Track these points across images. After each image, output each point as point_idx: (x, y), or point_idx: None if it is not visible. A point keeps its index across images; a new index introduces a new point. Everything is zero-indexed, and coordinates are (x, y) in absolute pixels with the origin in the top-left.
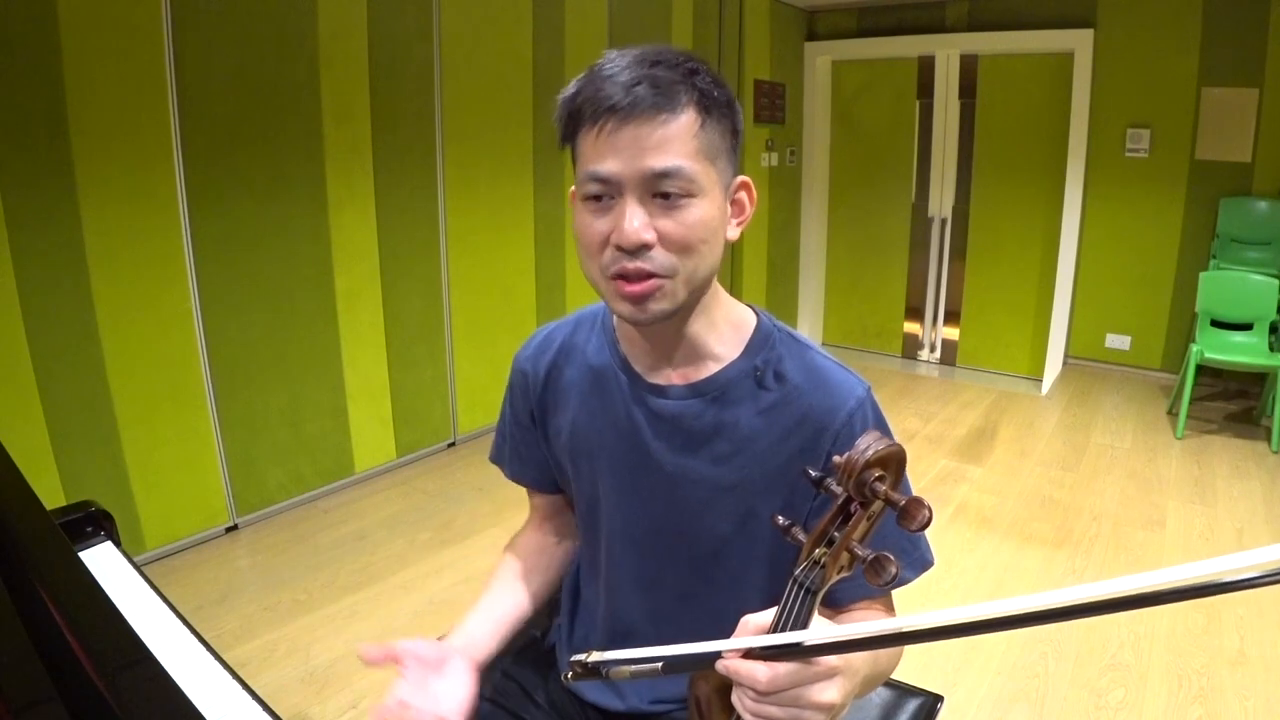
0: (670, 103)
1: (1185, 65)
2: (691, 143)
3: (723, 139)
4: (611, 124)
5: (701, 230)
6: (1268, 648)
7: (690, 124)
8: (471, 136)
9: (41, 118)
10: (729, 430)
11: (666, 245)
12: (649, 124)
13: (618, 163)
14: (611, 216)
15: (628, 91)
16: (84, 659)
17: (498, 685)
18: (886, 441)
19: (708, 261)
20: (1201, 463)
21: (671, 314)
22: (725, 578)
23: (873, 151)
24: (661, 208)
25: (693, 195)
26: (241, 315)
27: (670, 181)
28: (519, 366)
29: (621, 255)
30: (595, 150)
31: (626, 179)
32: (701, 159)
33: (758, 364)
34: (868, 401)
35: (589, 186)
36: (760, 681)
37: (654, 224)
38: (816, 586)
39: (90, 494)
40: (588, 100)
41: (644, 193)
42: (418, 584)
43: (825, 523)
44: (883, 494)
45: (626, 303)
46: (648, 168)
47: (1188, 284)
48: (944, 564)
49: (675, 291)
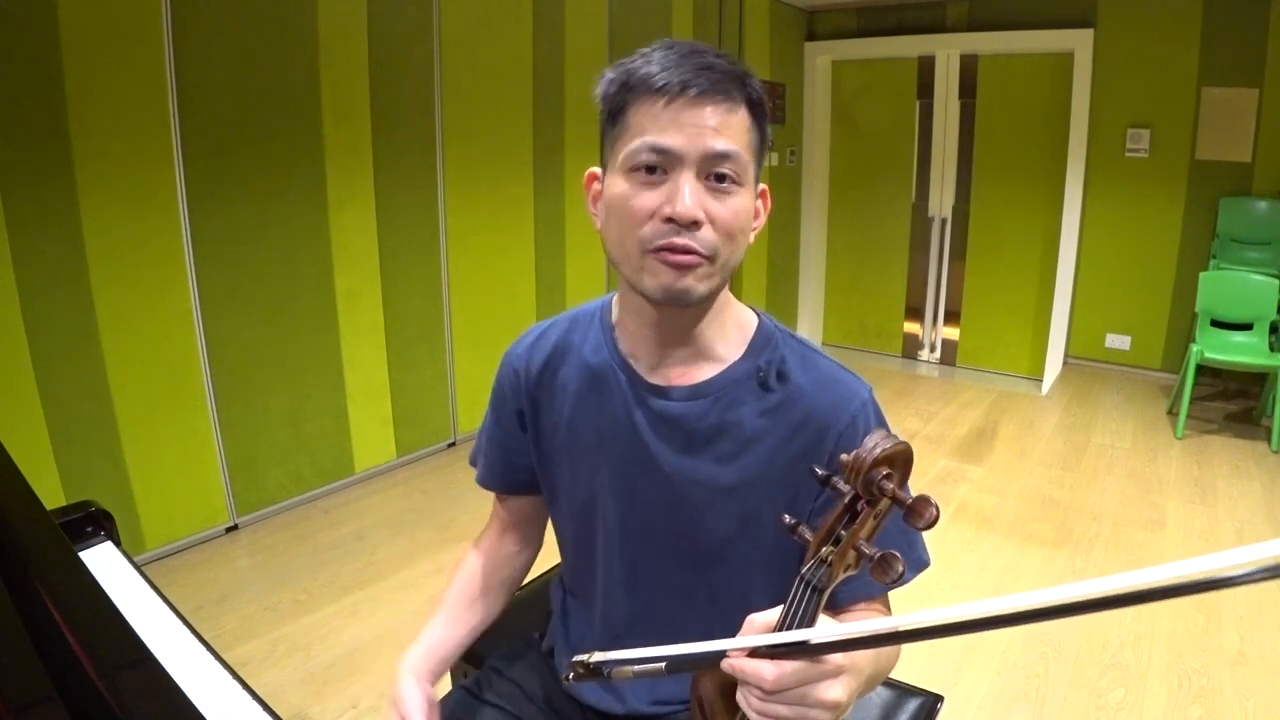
0: (731, 94)
1: (1185, 65)
2: (745, 136)
3: (762, 141)
4: (680, 100)
5: (743, 219)
6: (1268, 648)
7: (745, 119)
8: (471, 136)
9: (41, 118)
10: (732, 431)
11: (714, 227)
12: (716, 108)
13: (682, 137)
14: (663, 190)
15: (696, 74)
16: (84, 659)
17: (497, 687)
18: (894, 440)
19: (740, 252)
20: (1201, 463)
21: (703, 298)
22: (723, 579)
23: (873, 151)
24: (712, 190)
25: (740, 184)
26: (241, 315)
27: (728, 164)
28: (510, 364)
29: (669, 230)
30: (656, 122)
31: (688, 154)
32: (750, 153)
33: (761, 365)
34: (870, 403)
35: (645, 156)
36: (767, 680)
37: (704, 204)
38: (823, 585)
39: (90, 494)
40: (649, 76)
41: (700, 171)
42: (418, 584)
43: (832, 521)
44: (890, 492)
45: (669, 271)
46: (711, 147)
47: (1188, 284)
48: (944, 564)
49: (712, 275)
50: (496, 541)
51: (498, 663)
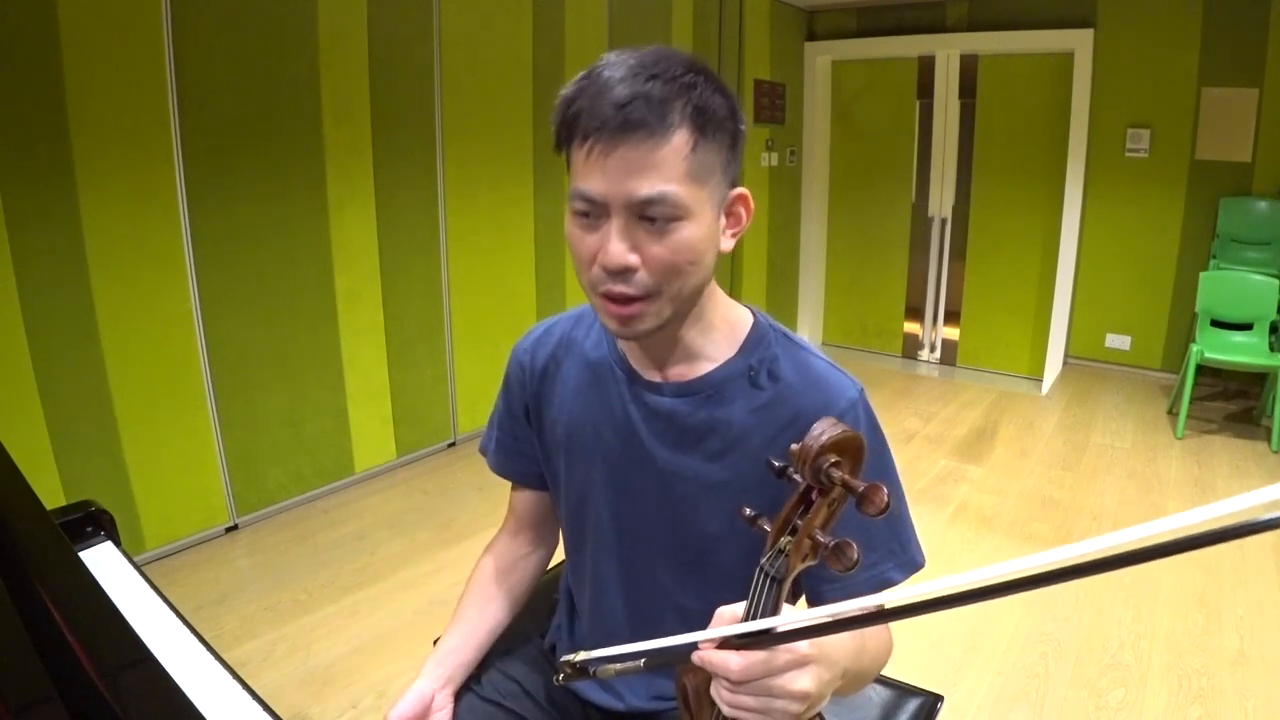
0: (662, 124)
1: (1185, 65)
2: (681, 166)
3: (718, 155)
4: (601, 145)
5: (687, 253)
6: (1268, 648)
7: (681, 146)
8: (471, 136)
9: (41, 118)
10: (722, 428)
11: (650, 268)
12: (638, 148)
13: (604, 185)
14: (599, 235)
15: (619, 110)
16: (84, 659)
17: (498, 685)
18: (842, 428)
19: (694, 280)
20: (1201, 463)
21: (657, 330)
22: (715, 576)
23: (873, 151)
24: (648, 231)
25: (680, 218)
26: (241, 315)
27: (656, 207)
28: (517, 358)
29: (606, 276)
30: (584, 169)
31: (612, 202)
32: (690, 182)
33: (752, 363)
34: (860, 402)
35: (576, 203)
36: (732, 670)
37: (640, 247)
38: (782, 575)
39: (90, 494)
40: (581, 113)
41: (629, 216)
42: (418, 584)
43: (787, 511)
44: (839, 480)
45: (613, 321)
46: (633, 193)
47: (1188, 284)
48: (944, 564)
49: (660, 311)
50: (509, 543)
51: (499, 661)
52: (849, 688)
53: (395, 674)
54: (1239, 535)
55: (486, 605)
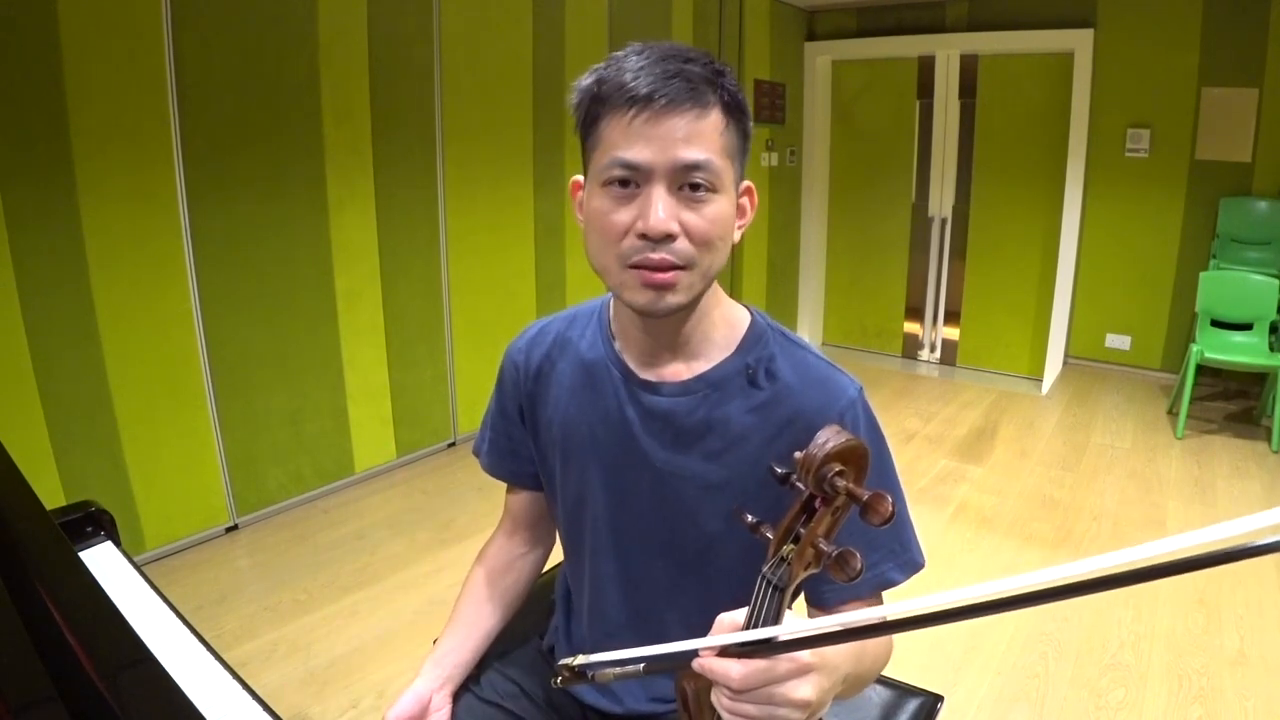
0: (702, 99)
1: (1185, 65)
2: (719, 140)
3: (741, 141)
4: (647, 113)
5: (721, 226)
6: (1268, 648)
7: (718, 122)
8: (471, 136)
9: (41, 118)
10: (720, 428)
11: (689, 238)
12: (683, 116)
13: (649, 151)
14: (636, 205)
15: (664, 83)
16: (84, 659)
17: (498, 686)
18: (846, 436)
19: (721, 257)
20: (1201, 463)
21: (685, 307)
22: (713, 576)
23: (873, 151)
24: (687, 200)
25: (716, 191)
26: (241, 315)
27: (700, 174)
28: (511, 358)
29: (644, 245)
30: (625, 137)
31: (657, 168)
32: (725, 157)
33: (750, 362)
34: (859, 402)
35: (615, 172)
36: (733, 679)
37: (678, 215)
38: (784, 583)
39: (90, 494)
40: (618, 88)
41: (671, 183)
42: (418, 584)
43: (790, 519)
44: (843, 489)
45: (648, 291)
46: (680, 159)
47: (1188, 284)
48: (944, 564)
49: (693, 284)
50: (505, 543)
51: (498, 662)
52: (849, 691)
53: (395, 674)
54: (1240, 558)
55: (483, 606)
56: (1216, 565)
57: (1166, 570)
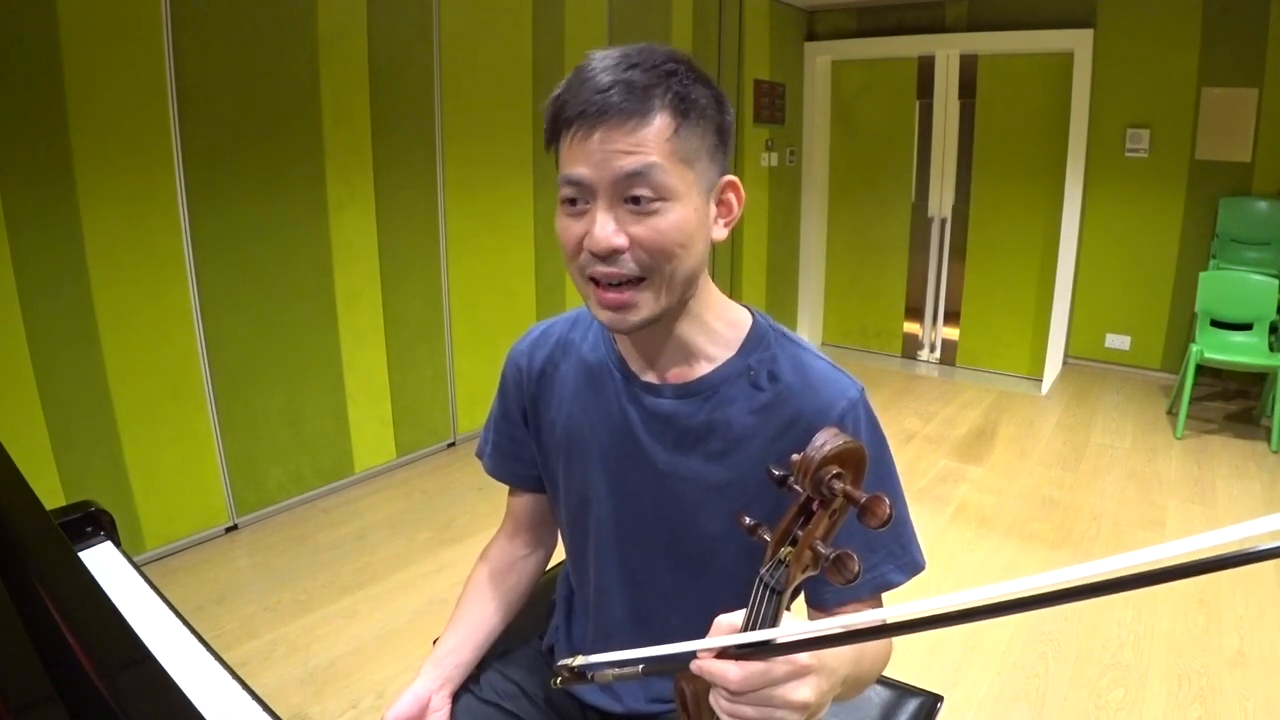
0: (643, 107)
1: (1185, 65)
2: (664, 146)
3: (703, 140)
4: (584, 129)
5: (675, 235)
6: (1268, 648)
7: (664, 128)
8: (471, 137)
9: (41, 118)
10: (721, 429)
11: (639, 250)
12: (619, 129)
13: (589, 167)
14: (585, 221)
15: (600, 95)
16: (84, 659)
17: (498, 687)
18: (844, 438)
19: (685, 265)
20: (1201, 463)
21: (653, 321)
22: (715, 578)
23: (873, 151)
24: (633, 213)
25: (666, 199)
26: (241, 315)
27: (640, 186)
28: (514, 360)
29: (594, 259)
30: (570, 154)
31: (597, 183)
32: (675, 162)
33: (751, 364)
34: (860, 403)
35: (564, 190)
36: (731, 681)
37: (626, 229)
38: (782, 586)
39: (90, 494)
40: (565, 105)
41: (615, 197)
42: (418, 584)
43: (788, 522)
44: (840, 491)
45: (607, 311)
46: (617, 171)
47: (1188, 284)
48: (944, 564)
49: (655, 297)
50: (507, 545)
51: (498, 662)
52: (849, 693)
53: (395, 674)
54: (1239, 563)
55: (484, 607)
56: (1215, 571)
57: (1167, 575)
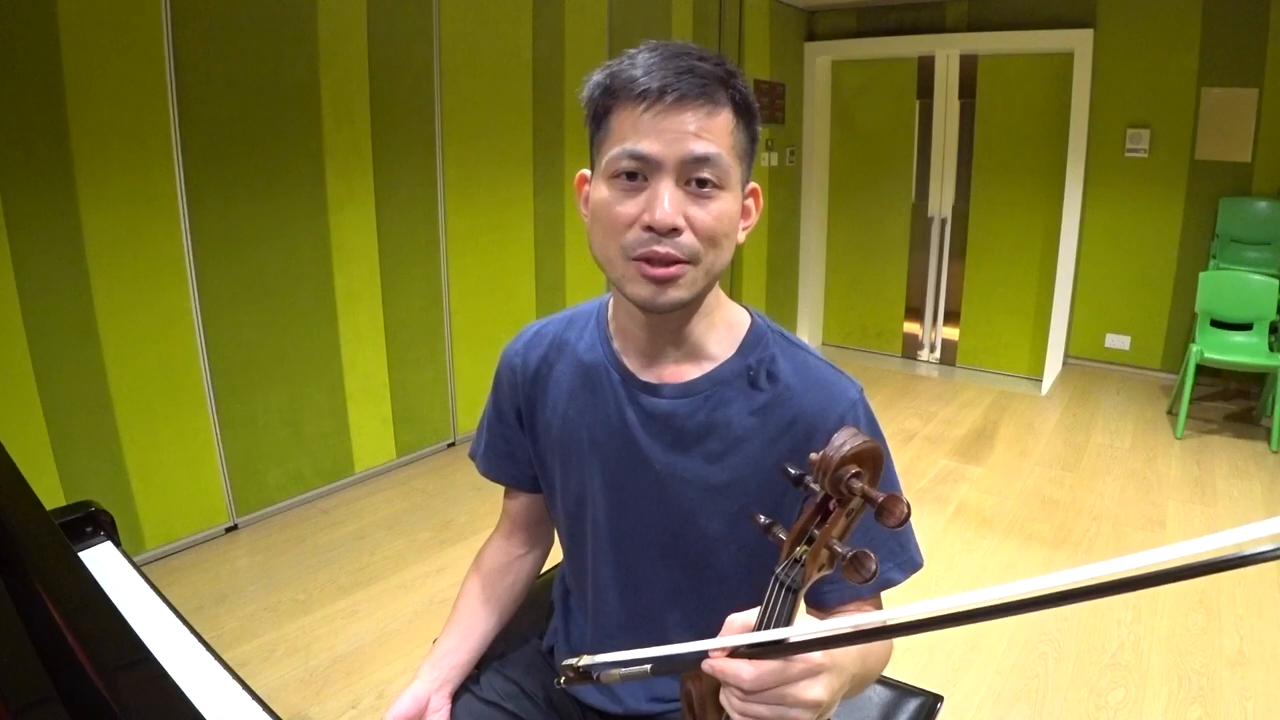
0: (714, 97)
1: (1185, 65)
2: (728, 138)
3: (749, 144)
4: (658, 106)
5: (727, 223)
6: (1268, 648)
7: (728, 121)
8: (471, 137)
9: (41, 118)
10: (721, 430)
11: (694, 232)
12: (695, 111)
13: (660, 144)
14: (643, 198)
15: (677, 78)
16: (84, 659)
17: (498, 687)
18: (863, 438)
19: (725, 255)
20: (1201, 463)
21: (687, 303)
22: (713, 578)
23: (873, 151)
24: (693, 196)
25: (723, 188)
26: (241, 315)
27: (708, 169)
28: (508, 361)
29: (650, 238)
30: (635, 129)
31: (666, 161)
32: (734, 155)
33: (751, 364)
34: (860, 403)
35: (624, 163)
36: (745, 680)
37: (684, 210)
38: (798, 585)
39: (90, 494)
40: (630, 81)
41: (679, 177)
42: (417, 584)
43: (805, 520)
44: (859, 491)
45: (649, 284)
46: (690, 152)
47: (1188, 284)
48: (944, 564)
49: (695, 280)
50: (503, 545)
51: (498, 662)
52: (853, 691)
53: (395, 674)
54: (1239, 565)
55: (482, 608)
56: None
57: (1168, 577)
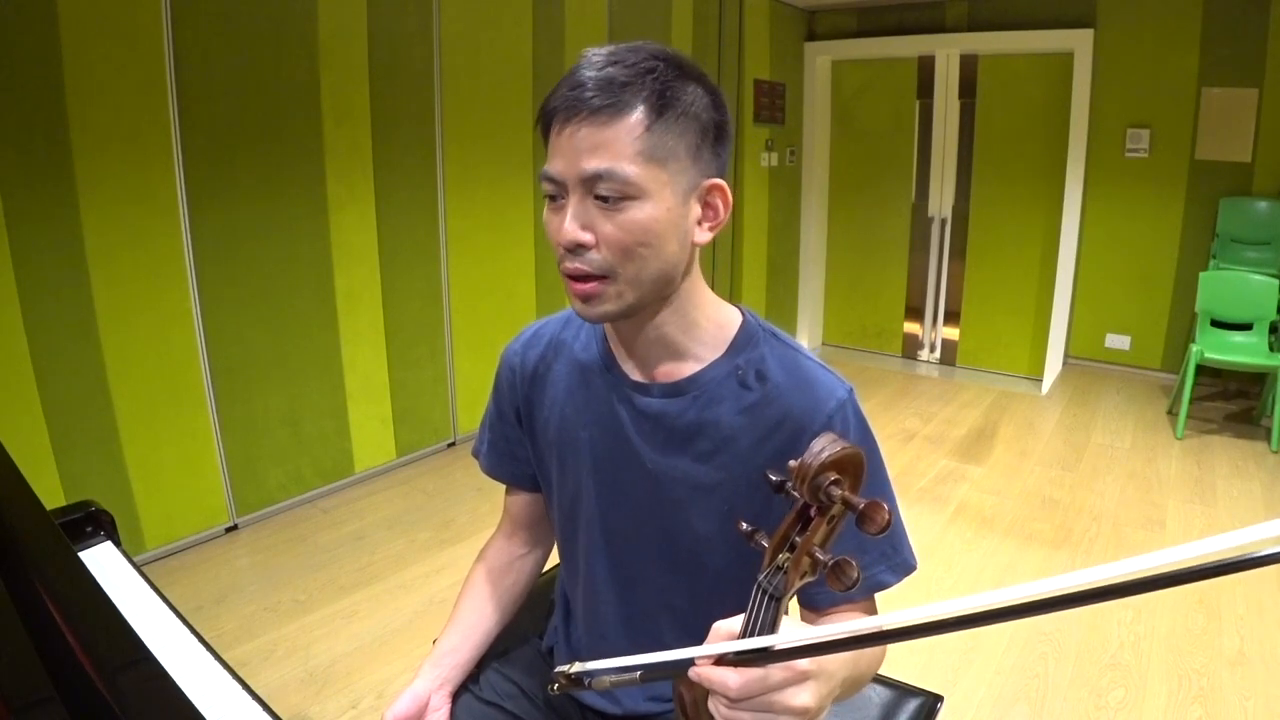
0: (614, 104)
1: (1185, 65)
2: (634, 145)
3: (681, 139)
4: (557, 124)
5: (641, 233)
6: (1268, 648)
7: (634, 125)
8: (471, 137)
9: (41, 118)
10: (710, 429)
11: (604, 246)
12: (589, 124)
13: (561, 163)
14: (561, 216)
15: (573, 91)
16: (84, 659)
17: (498, 687)
18: (841, 444)
19: (652, 265)
20: (1201, 463)
21: (621, 315)
22: (704, 577)
23: (873, 151)
24: (601, 209)
25: (632, 198)
26: (241, 316)
27: (605, 184)
28: (507, 361)
29: (565, 254)
30: (550, 149)
31: (568, 179)
32: (644, 161)
33: (740, 363)
34: (849, 403)
35: (544, 185)
36: (730, 688)
37: (593, 225)
38: (780, 592)
39: (90, 494)
40: (548, 101)
41: (584, 193)
42: (417, 584)
43: (785, 528)
44: (839, 498)
45: (575, 301)
46: (581, 169)
47: (1188, 284)
48: (944, 564)
49: (621, 293)
50: (505, 544)
51: (498, 663)
52: (846, 693)
53: (395, 674)
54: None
55: (483, 606)
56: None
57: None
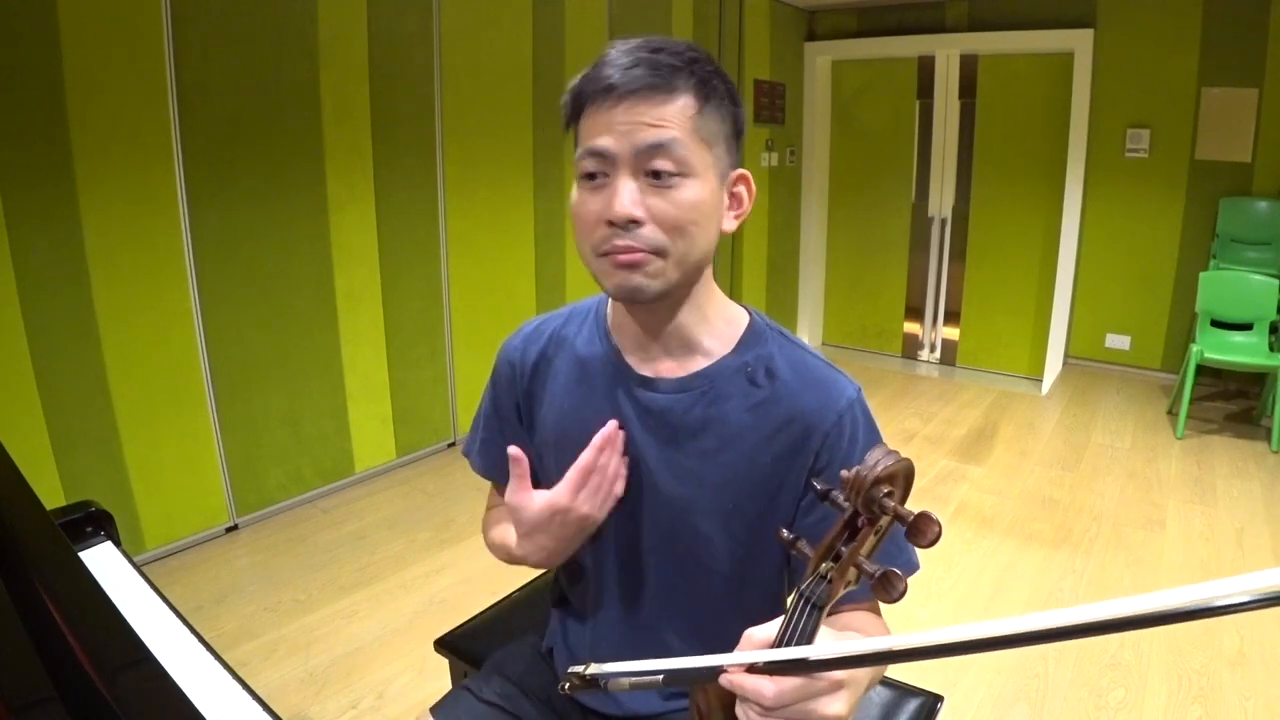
0: (667, 84)
1: (1185, 65)
2: (687, 124)
3: (721, 125)
4: (609, 101)
5: (692, 211)
6: (1268, 648)
7: (686, 106)
8: (471, 136)
9: (41, 118)
10: (717, 426)
11: (657, 224)
12: (644, 102)
13: (612, 139)
14: (606, 194)
15: (625, 72)
16: (84, 659)
17: (498, 688)
18: (896, 456)
19: (699, 245)
20: (1201, 463)
21: (662, 294)
22: (706, 576)
23: (873, 151)
24: (653, 186)
25: (685, 175)
26: (241, 315)
27: (662, 158)
28: (506, 357)
29: (612, 233)
30: (593, 127)
31: (620, 154)
32: (696, 141)
33: (749, 361)
34: (858, 403)
35: (585, 163)
36: (766, 697)
37: (645, 202)
38: (823, 602)
39: (90, 494)
40: (589, 82)
41: (636, 169)
42: (418, 584)
43: (832, 538)
44: (892, 510)
45: (619, 271)
46: (640, 142)
47: (1188, 284)
48: (944, 564)
49: (665, 271)
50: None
51: (498, 663)
52: None
53: (395, 674)
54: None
55: None
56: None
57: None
